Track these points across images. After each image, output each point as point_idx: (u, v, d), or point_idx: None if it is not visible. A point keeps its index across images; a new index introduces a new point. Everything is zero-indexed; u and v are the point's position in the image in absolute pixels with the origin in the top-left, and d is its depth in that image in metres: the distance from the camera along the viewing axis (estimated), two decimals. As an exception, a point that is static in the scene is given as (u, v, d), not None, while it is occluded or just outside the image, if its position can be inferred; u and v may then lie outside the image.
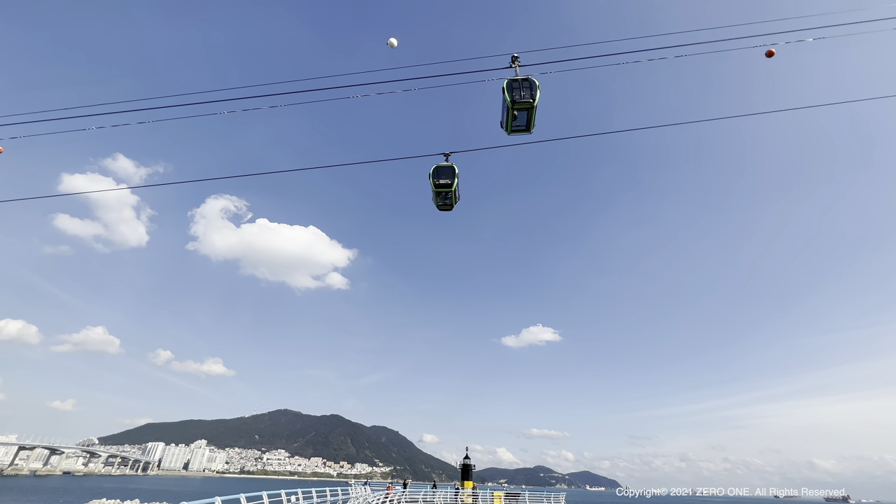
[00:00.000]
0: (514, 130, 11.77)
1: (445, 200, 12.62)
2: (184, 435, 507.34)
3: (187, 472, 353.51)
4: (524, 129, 11.75)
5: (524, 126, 11.68)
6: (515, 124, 11.59)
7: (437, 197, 12.34)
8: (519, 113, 11.16)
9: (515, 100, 10.87)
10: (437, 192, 12.11)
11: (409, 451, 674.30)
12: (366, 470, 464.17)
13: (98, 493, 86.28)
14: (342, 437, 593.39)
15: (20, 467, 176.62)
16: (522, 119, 11.46)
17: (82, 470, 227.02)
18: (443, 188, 12.00)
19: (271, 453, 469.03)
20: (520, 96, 10.84)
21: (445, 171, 11.84)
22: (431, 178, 11.88)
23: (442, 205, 12.74)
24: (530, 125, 11.59)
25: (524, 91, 10.88)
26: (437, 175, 11.87)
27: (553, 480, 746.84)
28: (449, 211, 12.75)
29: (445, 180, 11.94)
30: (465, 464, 31.60)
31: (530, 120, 11.43)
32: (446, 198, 12.36)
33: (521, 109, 11.01)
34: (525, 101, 10.87)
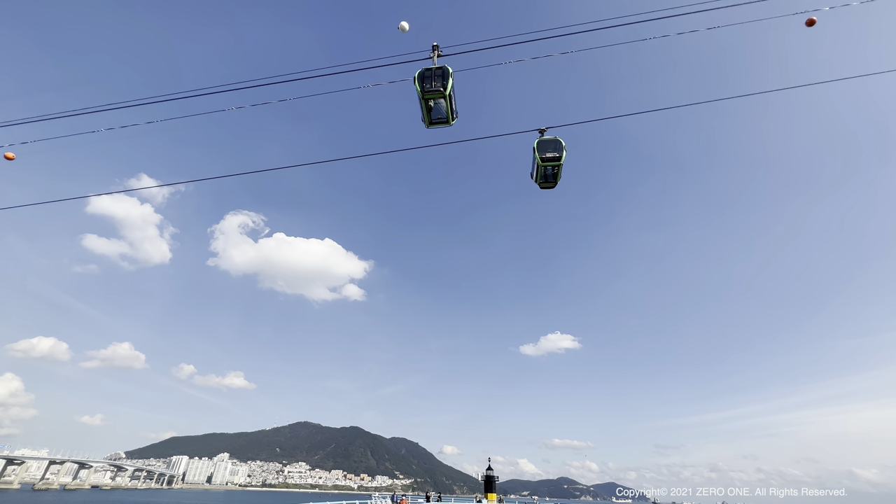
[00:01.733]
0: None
1: (549, 178, 12.50)
2: (207, 448, 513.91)
3: (210, 486, 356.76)
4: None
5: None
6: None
7: (541, 172, 12.22)
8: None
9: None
10: (544, 167, 12.02)
11: (429, 462, 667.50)
12: (386, 482, 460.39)
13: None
14: (362, 450, 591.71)
15: (51, 482, 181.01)
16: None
17: (110, 484, 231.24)
18: (550, 162, 11.95)
19: (292, 466, 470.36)
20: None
21: (550, 144, 11.78)
22: (537, 153, 11.93)
23: (545, 182, 12.56)
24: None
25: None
26: (542, 149, 11.95)
27: (577, 492, 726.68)
28: (552, 188, 12.62)
29: (552, 153, 11.93)
30: (489, 475, 30.51)
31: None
32: (553, 173, 12.25)
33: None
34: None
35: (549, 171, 12.21)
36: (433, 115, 11.10)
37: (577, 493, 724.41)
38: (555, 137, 11.94)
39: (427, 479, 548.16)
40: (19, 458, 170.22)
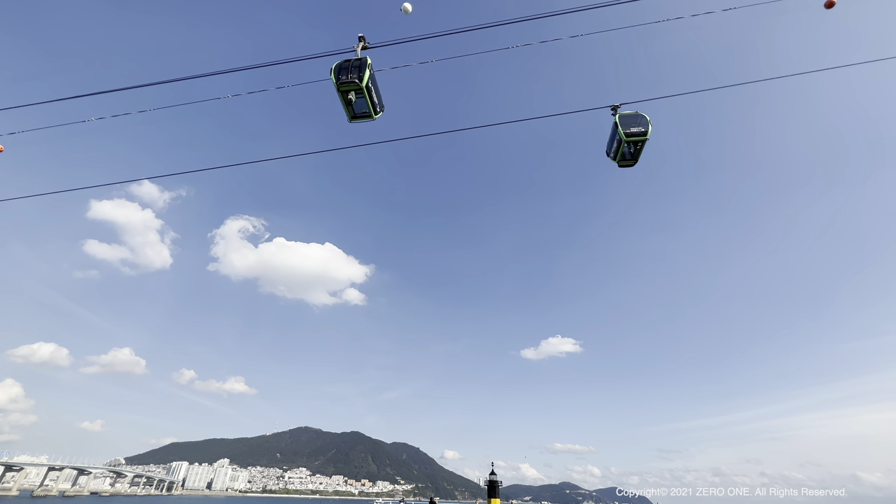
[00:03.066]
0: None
1: (629, 155, 11.92)
2: (207, 454, 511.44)
3: (211, 492, 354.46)
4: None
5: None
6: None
7: (622, 149, 11.68)
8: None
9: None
10: (628, 142, 11.50)
11: (430, 468, 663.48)
12: (388, 488, 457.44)
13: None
14: (363, 455, 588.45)
15: (50, 488, 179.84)
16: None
17: (109, 490, 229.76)
18: (635, 137, 11.42)
19: (293, 472, 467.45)
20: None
21: (636, 118, 11.33)
22: (620, 128, 11.35)
23: (624, 160, 12.00)
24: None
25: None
26: (627, 123, 11.40)
27: (580, 497, 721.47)
28: (632, 166, 12.06)
29: (638, 128, 11.37)
30: (492, 480, 29.99)
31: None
32: (636, 150, 11.66)
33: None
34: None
35: (631, 147, 11.69)
36: (356, 108, 10.58)
37: (580, 497, 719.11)
38: (637, 112, 11.46)
39: (428, 484, 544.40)
40: (18, 464, 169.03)
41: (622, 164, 12.17)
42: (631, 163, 12.11)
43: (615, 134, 11.66)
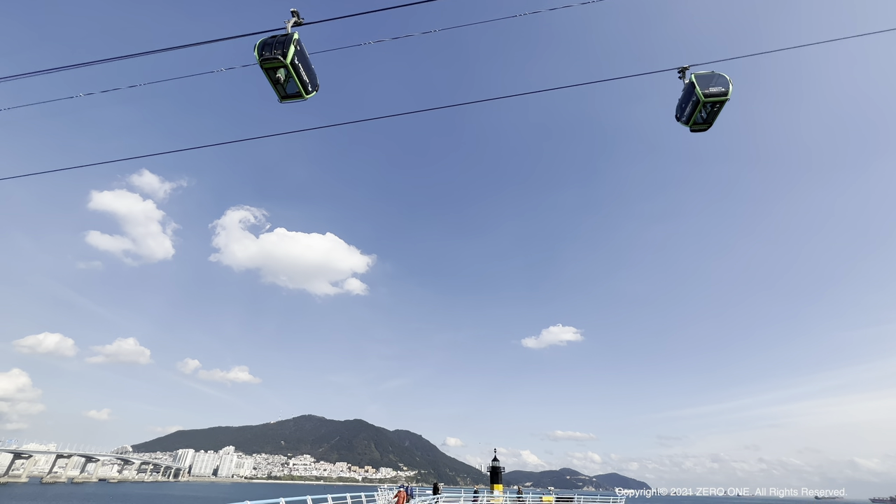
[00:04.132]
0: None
1: (703, 119, 10.93)
2: (212, 441, 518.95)
3: (217, 478, 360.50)
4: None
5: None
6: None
7: (697, 112, 10.72)
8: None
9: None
10: (705, 104, 10.54)
11: (432, 454, 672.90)
12: (391, 474, 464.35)
13: (130, 499, 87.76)
14: (366, 442, 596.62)
15: (58, 475, 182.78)
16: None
17: (117, 477, 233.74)
18: (714, 98, 10.43)
19: (297, 459, 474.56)
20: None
21: (715, 78, 10.38)
22: (698, 88, 10.37)
23: (697, 125, 11.04)
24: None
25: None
26: (705, 83, 10.36)
27: (580, 483, 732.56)
28: (704, 131, 11.09)
29: (718, 88, 10.36)
30: (495, 466, 30.16)
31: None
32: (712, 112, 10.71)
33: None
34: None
35: (707, 109, 10.77)
36: (288, 89, 9.66)
37: (580, 483, 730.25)
38: (713, 71, 10.57)
39: (431, 470, 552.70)
40: (27, 452, 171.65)
41: (695, 129, 11.31)
42: (705, 127, 11.21)
43: (690, 96, 10.76)
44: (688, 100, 10.80)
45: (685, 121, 11.13)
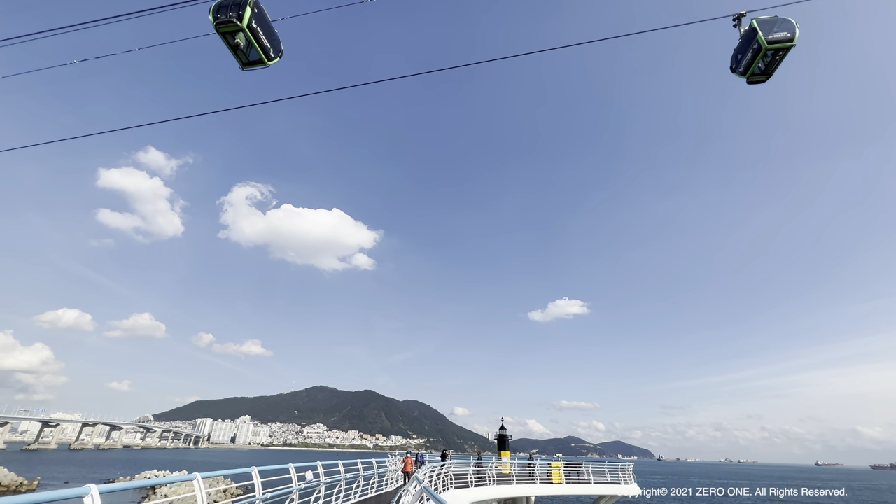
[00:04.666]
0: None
1: (763, 68, 9.85)
2: (229, 411, 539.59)
3: (235, 445, 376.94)
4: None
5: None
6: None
7: (757, 61, 9.59)
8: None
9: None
10: (767, 51, 9.28)
11: (441, 423, 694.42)
12: (400, 442, 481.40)
13: (153, 464, 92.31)
14: (376, 412, 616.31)
15: (85, 442, 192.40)
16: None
17: (140, 444, 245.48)
18: (778, 44, 9.31)
19: (311, 427, 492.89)
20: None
21: (779, 23, 9.15)
22: (760, 34, 9.33)
23: (755, 76, 9.98)
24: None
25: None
26: (767, 29, 8.97)
27: (584, 450, 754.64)
28: (763, 82, 9.99)
29: (783, 34, 9.28)
30: (502, 434, 31.01)
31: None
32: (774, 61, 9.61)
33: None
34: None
35: (768, 58, 9.61)
36: (251, 55, 8.68)
37: (584, 451, 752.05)
38: (776, 16, 9.46)
39: (439, 438, 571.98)
40: (55, 420, 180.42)
41: (752, 80, 10.15)
42: (763, 78, 10.06)
43: (750, 43, 9.65)
44: (746, 48, 9.69)
45: (742, 71, 9.96)
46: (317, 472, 10.37)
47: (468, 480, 19.96)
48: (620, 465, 26.18)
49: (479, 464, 20.94)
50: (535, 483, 23.39)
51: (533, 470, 23.93)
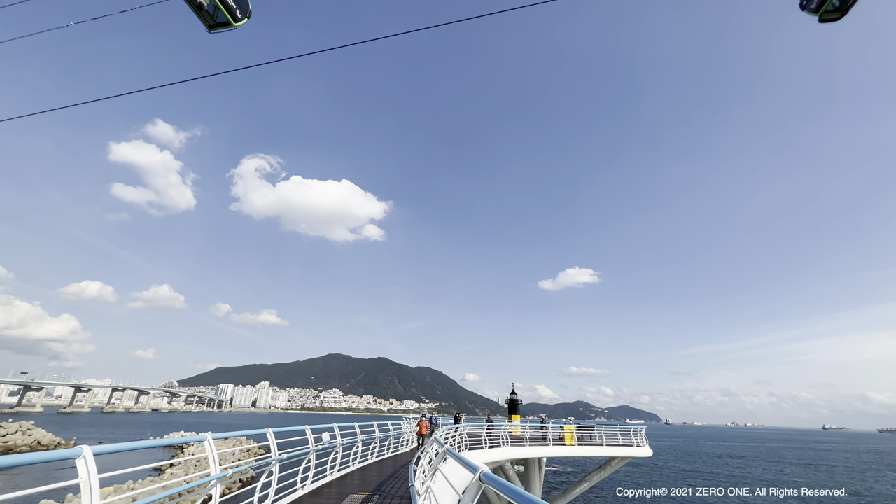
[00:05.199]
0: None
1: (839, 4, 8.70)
2: (249, 377, 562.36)
3: (256, 409, 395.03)
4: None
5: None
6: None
7: None
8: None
9: None
10: None
11: (452, 388, 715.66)
12: (413, 406, 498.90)
13: (180, 426, 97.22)
14: (390, 378, 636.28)
15: (116, 405, 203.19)
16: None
17: (167, 408, 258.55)
18: None
19: (327, 392, 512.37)
20: None
21: None
22: None
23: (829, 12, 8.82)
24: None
25: None
26: None
27: (592, 414, 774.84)
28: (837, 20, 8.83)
29: None
30: (512, 399, 31.50)
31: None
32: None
33: None
34: None
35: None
36: (218, 17, 7.50)
37: (593, 415, 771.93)
38: None
39: (451, 402, 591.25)
40: (87, 386, 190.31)
41: (825, 18, 8.96)
42: (838, 15, 8.86)
43: None
44: None
45: (814, 8, 8.64)
46: (334, 433, 10.33)
47: (482, 442, 20.28)
48: (633, 428, 26.38)
49: (491, 426, 21.25)
50: (547, 445, 23.74)
51: (546, 432, 24.26)
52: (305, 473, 8.55)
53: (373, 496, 8.27)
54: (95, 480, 2.30)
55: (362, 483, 9.74)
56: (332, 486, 9.22)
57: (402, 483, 9.74)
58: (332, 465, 10.29)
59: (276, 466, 6.75)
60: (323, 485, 9.28)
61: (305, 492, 8.40)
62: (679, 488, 39.70)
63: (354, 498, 8.09)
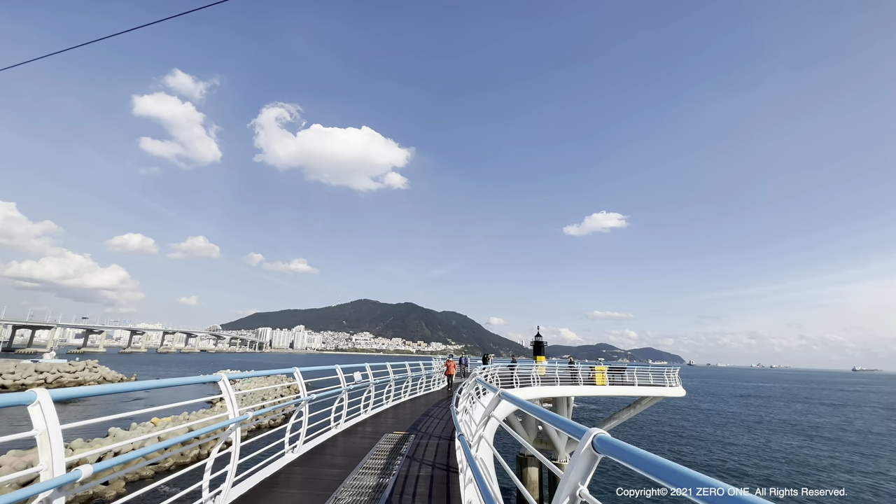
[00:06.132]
0: None
1: None
2: (285, 321, 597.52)
3: (293, 350, 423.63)
4: None
5: None
6: None
7: None
8: None
9: None
10: None
11: (477, 332, 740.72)
12: (440, 348, 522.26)
13: (226, 364, 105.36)
14: (417, 321, 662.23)
15: (169, 347, 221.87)
16: None
17: (213, 349, 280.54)
18: None
19: (358, 335, 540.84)
20: None
21: None
22: None
23: None
24: None
25: None
26: None
27: (615, 356, 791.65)
28: None
29: None
30: (537, 341, 31.59)
31: None
32: None
33: None
34: None
35: None
36: None
37: (615, 356, 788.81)
38: None
39: (476, 345, 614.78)
40: (140, 329, 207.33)
41: None
42: None
43: None
44: None
45: None
46: (366, 373, 10.00)
47: (513, 381, 20.34)
48: (667, 369, 26.02)
49: (518, 366, 21.35)
50: (578, 385, 23.74)
51: (575, 372, 24.26)
52: (338, 413, 8.30)
53: (408, 436, 7.95)
54: (56, 429, 1.99)
55: (397, 422, 9.55)
56: (365, 425, 9.04)
57: (438, 422, 9.50)
58: (364, 403, 10.13)
59: (305, 407, 6.33)
60: (356, 423, 9.11)
61: (339, 430, 8.19)
62: (705, 429, 40.09)
63: (390, 437, 7.80)
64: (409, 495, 4.57)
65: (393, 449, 6.84)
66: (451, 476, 5.39)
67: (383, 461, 6.01)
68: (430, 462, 5.98)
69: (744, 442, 33.53)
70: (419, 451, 6.67)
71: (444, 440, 7.64)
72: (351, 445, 6.98)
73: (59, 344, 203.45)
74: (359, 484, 4.99)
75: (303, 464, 5.73)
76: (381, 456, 6.34)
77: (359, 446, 6.94)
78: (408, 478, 5.28)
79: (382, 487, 4.84)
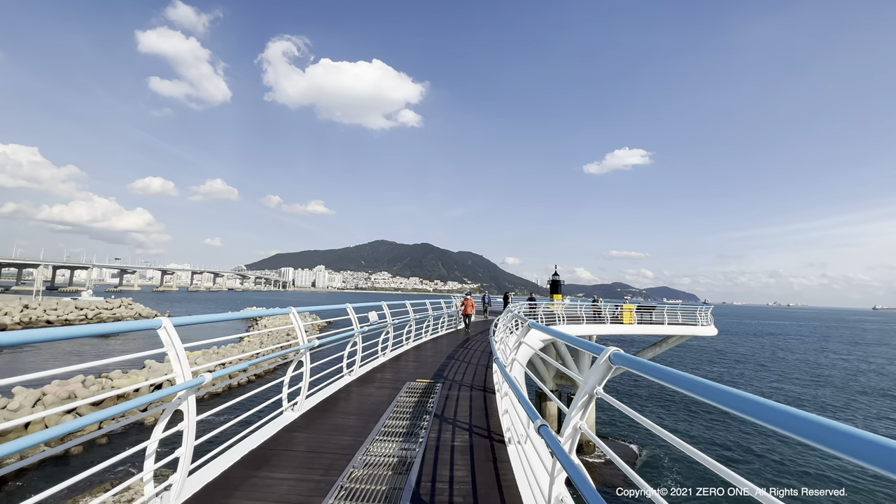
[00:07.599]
0: None
1: None
2: (305, 261, 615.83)
3: (315, 289, 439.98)
4: None
5: None
6: None
7: None
8: None
9: None
10: None
11: (493, 271, 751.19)
12: (456, 286, 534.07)
13: (253, 302, 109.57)
14: (433, 261, 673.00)
15: (198, 286, 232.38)
16: None
17: (240, 287, 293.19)
18: None
19: (377, 275, 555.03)
20: None
21: None
22: None
23: None
24: None
25: None
26: None
27: (629, 294, 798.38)
28: None
29: None
30: (554, 279, 30.66)
31: None
32: None
33: None
34: None
35: None
36: None
37: (630, 295, 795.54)
38: None
39: (492, 284, 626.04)
40: (170, 269, 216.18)
41: None
42: None
43: None
44: None
45: None
46: (382, 312, 8.71)
47: (537, 319, 19.42)
48: (699, 307, 24.73)
49: (534, 305, 20.45)
50: (604, 323, 22.81)
51: (601, 311, 23.35)
52: (351, 359, 7.14)
53: (434, 385, 6.75)
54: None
55: (419, 366, 8.41)
56: (384, 371, 7.90)
57: (467, 367, 8.33)
58: (383, 346, 8.99)
59: (306, 356, 5.02)
60: (374, 368, 8.01)
61: (353, 378, 7.06)
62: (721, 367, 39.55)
63: (412, 387, 6.61)
64: (443, 482, 3.22)
65: (417, 403, 5.64)
66: (496, 448, 3.85)
67: (406, 422, 4.80)
68: (465, 424, 4.70)
69: (762, 375, 32.96)
70: (450, 408, 5.42)
71: (479, 391, 6.37)
72: (366, 399, 5.81)
73: (97, 283, 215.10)
74: (373, 460, 3.64)
75: (305, 427, 4.47)
76: (402, 414, 5.13)
77: (375, 399, 5.78)
78: (439, 448, 3.86)
79: (407, 466, 3.52)
